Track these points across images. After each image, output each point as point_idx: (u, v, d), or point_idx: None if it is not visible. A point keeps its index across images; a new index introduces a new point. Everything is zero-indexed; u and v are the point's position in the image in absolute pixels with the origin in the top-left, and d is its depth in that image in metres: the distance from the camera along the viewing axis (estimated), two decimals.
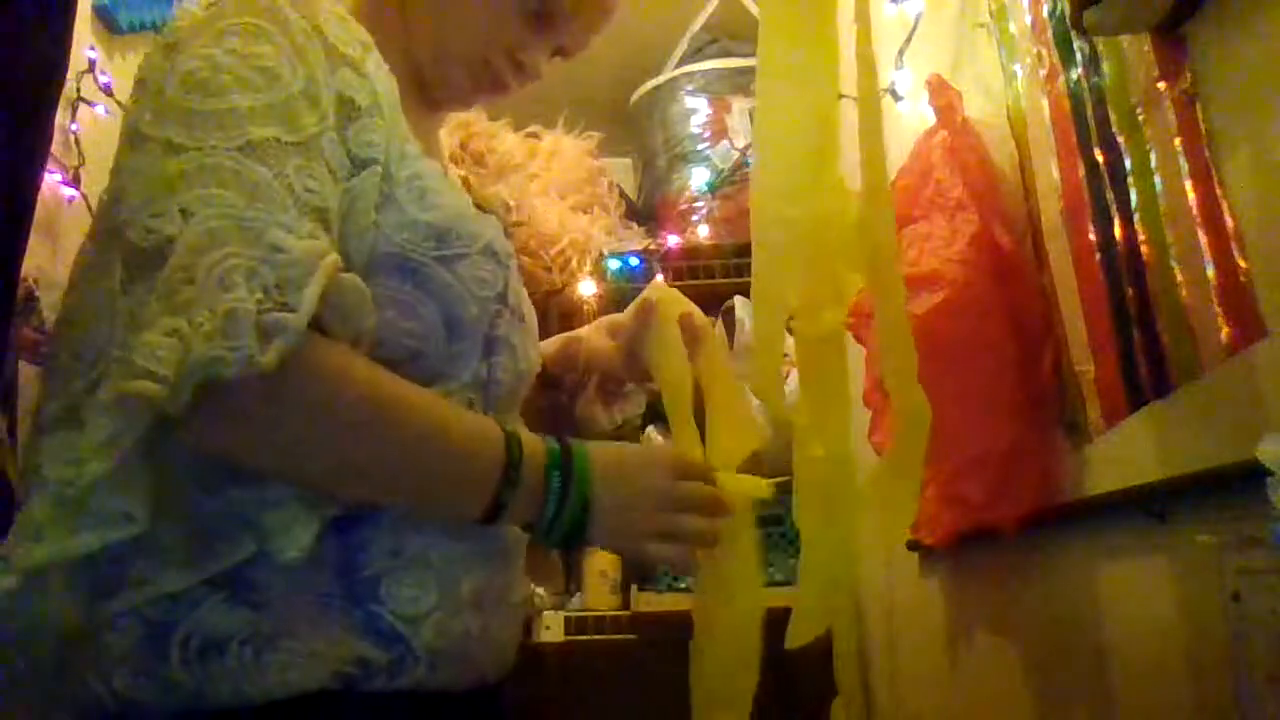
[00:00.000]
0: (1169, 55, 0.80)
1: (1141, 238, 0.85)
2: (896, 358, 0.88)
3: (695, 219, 2.14)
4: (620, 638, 1.86)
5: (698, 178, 2.13)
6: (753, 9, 2.10)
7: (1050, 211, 1.02)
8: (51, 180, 1.45)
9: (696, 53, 2.24)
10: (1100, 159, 0.91)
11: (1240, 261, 0.72)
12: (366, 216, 0.74)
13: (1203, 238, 0.76)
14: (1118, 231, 0.89)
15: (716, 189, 2.11)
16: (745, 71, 2.16)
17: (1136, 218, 0.85)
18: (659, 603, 1.82)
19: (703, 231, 2.12)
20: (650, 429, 1.92)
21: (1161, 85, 0.81)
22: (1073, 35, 0.93)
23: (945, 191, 1.12)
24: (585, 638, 1.87)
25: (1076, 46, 0.94)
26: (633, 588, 1.88)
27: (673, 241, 2.10)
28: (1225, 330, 0.74)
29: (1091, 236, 0.93)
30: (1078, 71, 0.94)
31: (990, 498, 1.06)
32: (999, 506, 1.06)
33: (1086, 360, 0.95)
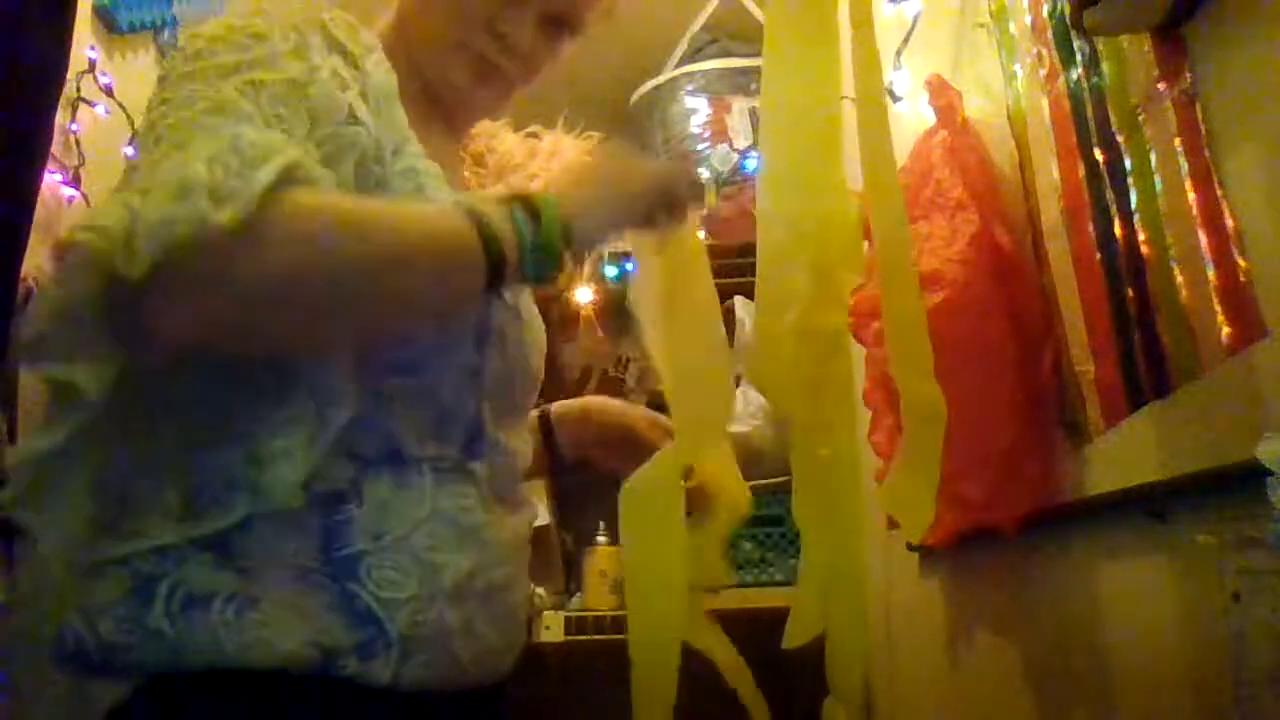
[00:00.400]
0: (1169, 55, 0.79)
1: (1141, 238, 0.85)
2: (910, 354, 0.87)
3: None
4: (620, 638, 1.84)
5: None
6: (753, 9, 2.10)
7: (1050, 211, 1.02)
8: (51, 180, 1.45)
9: (696, 53, 2.24)
10: (1100, 159, 0.91)
11: (1240, 261, 0.72)
12: (345, 169, 0.74)
13: (1203, 238, 0.76)
14: (1118, 232, 0.88)
15: (716, 190, 2.11)
16: (745, 71, 2.16)
17: (1136, 218, 0.85)
18: None
19: (702, 232, 2.13)
20: None
21: (1161, 85, 0.81)
22: (1073, 35, 0.93)
23: (945, 191, 1.12)
24: (585, 638, 1.87)
25: (1076, 46, 0.94)
26: None
27: None
28: (1225, 330, 0.74)
29: (1091, 236, 0.93)
30: (1078, 71, 0.94)
31: (990, 498, 1.06)
32: (999, 506, 1.06)
33: (1086, 360, 0.95)
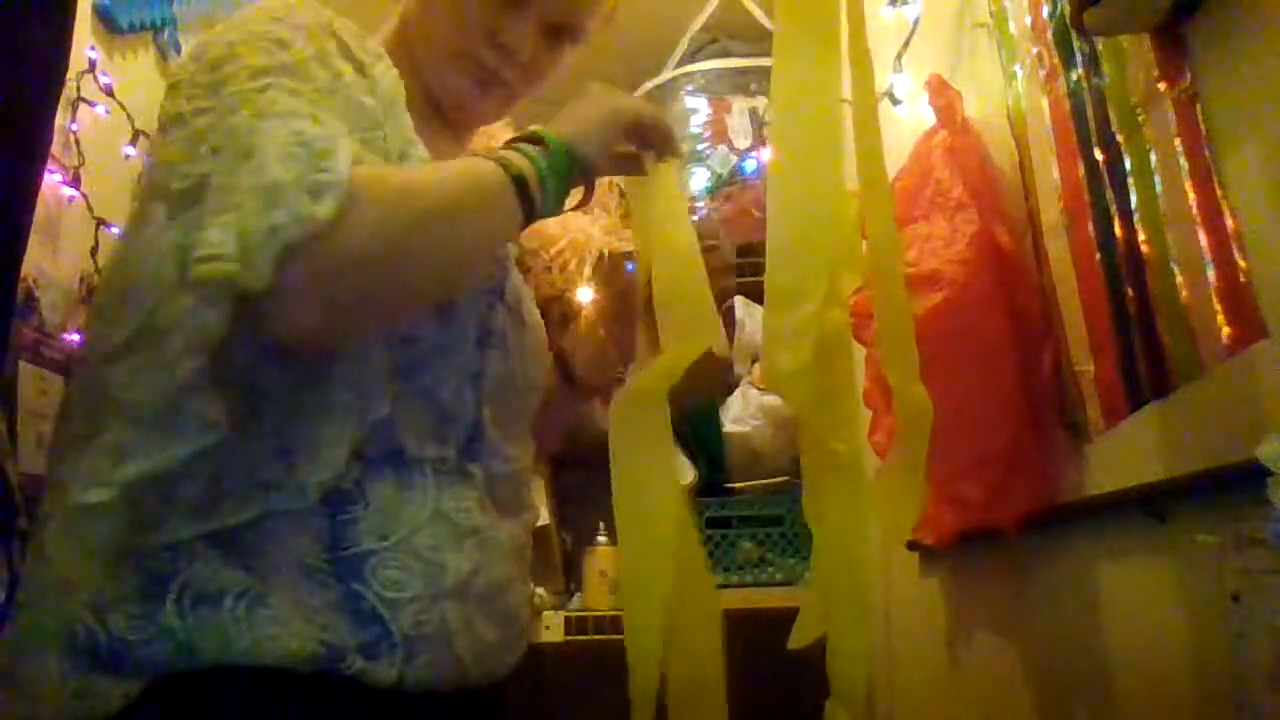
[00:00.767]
0: (1169, 55, 0.80)
1: (1141, 238, 0.85)
2: (898, 355, 0.88)
3: (696, 219, 2.14)
4: (620, 638, 1.85)
5: (698, 178, 2.13)
6: (753, 9, 2.10)
7: (1050, 211, 1.02)
8: (51, 180, 1.45)
9: (696, 53, 2.24)
10: (1100, 159, 0.91)
11: (1240, 262, 0.72)
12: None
13: (1203, 238, 0.76)
14: (1118, 231, 0.88)
15: (717, 190, 2.11)
16: (745, 71, 2.16)
17: (1136, 218, 0.85)
18: None
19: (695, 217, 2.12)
20: None
21: (1161, 85, 0.81)
22: (1073, 35, 0.94)
23: (945, 191, 1.12)
24: (585, 638, 1.87)
25: (1076, 46, 0.94)
26: None
27: None
28: (1225, 330, 0.74)
29: (1091, 236, 0.93)
30: (1078, 71, 0.94)
31: (990, 498, 1.06)
32: (999, 506, 1.06)
33: (1086, 360, 0.95)
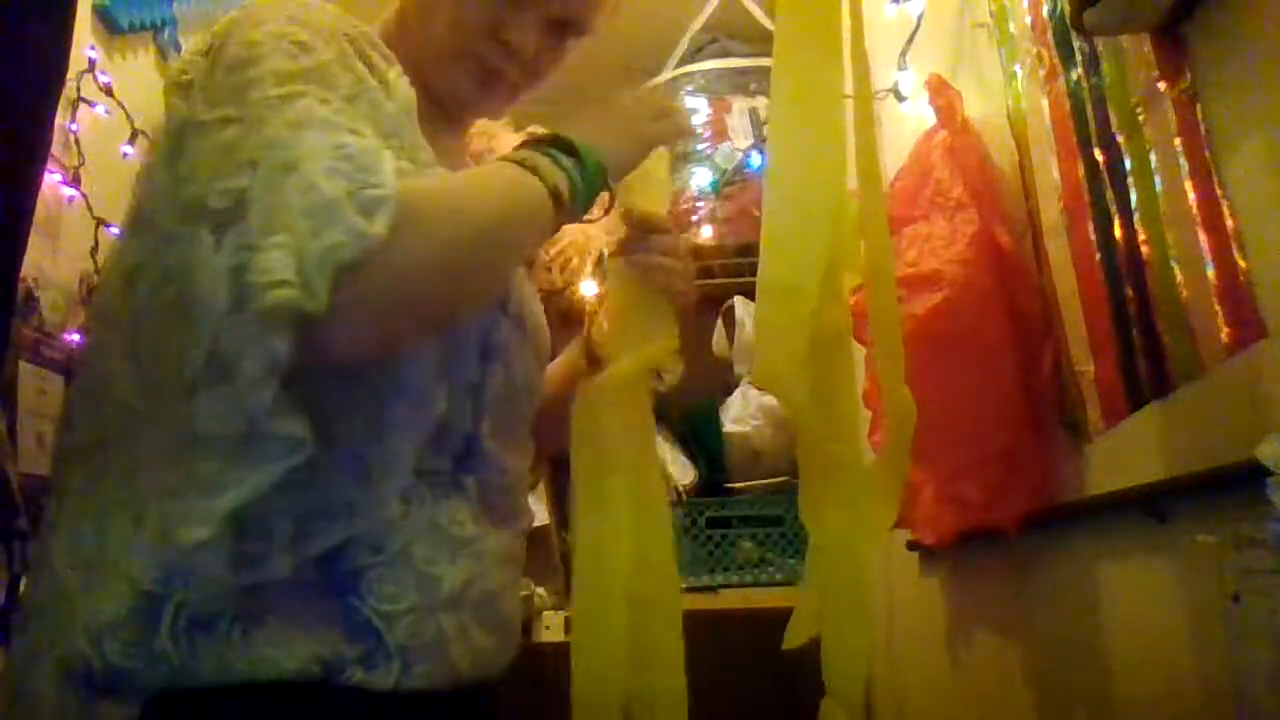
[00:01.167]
0: (1169, 55, 0.79)
1: (1141, 238, 0.85)
2: (886, 355, 0.88)
3: (696, 219, 2.14)
4: None
5: (699, 178, 2.13)
6: (753, 9, 2.10)
7: (1050, 211, 1.02)
8: (51, 180, 1.45)
9: (697, 53, 2.24)
10: (1100, 159, 0.91)
11: (1240, 261, 0.72)
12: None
13: (1203, 238, 0.76)
14: (1118, 231, 0.88)
15: (719, 189, 2.11)
16: (745, 71, 2.16)
17: (1136, 218, 0.85)
18: None
19: (705, 231, 2.12)
20: None
21: (1161, 85, 0.80)
22: (1073, 35, 0.93)
23: (945, 191, 1.12)
24: None
25: (1076, 46, 0.94)
26: None
27: None
28: (1225, 330, 0.74)
29: (1091, 236, 0.93)
30: (1078, 71, 0.94)
31: (990, 498, 1.06)
32: (999, 506, 1.06)
33: (1086, 360, 0.95)
